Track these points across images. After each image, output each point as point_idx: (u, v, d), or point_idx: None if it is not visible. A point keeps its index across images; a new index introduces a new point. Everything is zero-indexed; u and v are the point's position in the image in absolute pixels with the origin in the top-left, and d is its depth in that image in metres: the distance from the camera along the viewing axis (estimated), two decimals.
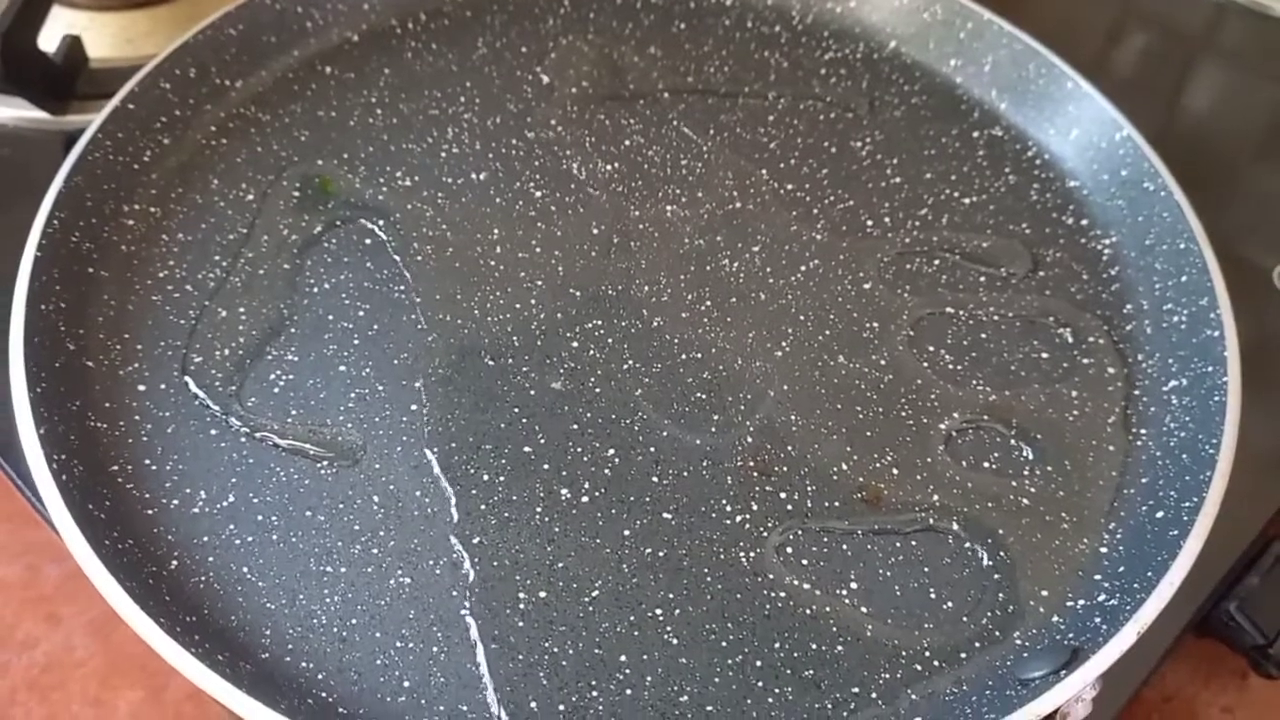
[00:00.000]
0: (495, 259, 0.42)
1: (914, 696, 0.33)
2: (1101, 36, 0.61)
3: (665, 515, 0.36)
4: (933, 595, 0.35)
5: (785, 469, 0.37)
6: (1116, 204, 0.45)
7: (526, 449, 0.37)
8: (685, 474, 0.37)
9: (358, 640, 0.33)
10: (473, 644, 0.33)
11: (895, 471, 0.37)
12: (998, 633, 0.34)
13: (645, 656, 0.33)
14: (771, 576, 0.35)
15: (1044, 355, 0.41)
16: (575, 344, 0.40)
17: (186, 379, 0.38)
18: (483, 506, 0.36)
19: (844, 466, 0.38)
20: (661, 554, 0.35)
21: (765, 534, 0.36)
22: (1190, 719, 0.42)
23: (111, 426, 0.36)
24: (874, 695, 0.33)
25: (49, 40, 0.48)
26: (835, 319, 0.42)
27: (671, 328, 0.41)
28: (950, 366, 0.40)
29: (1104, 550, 0.36)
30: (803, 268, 0.43)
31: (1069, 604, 0.35)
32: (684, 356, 0.40)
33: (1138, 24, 0.62)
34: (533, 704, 0.32)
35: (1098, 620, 0.33)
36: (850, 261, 0.44)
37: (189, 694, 0.41)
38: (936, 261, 0.44)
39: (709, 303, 0.42)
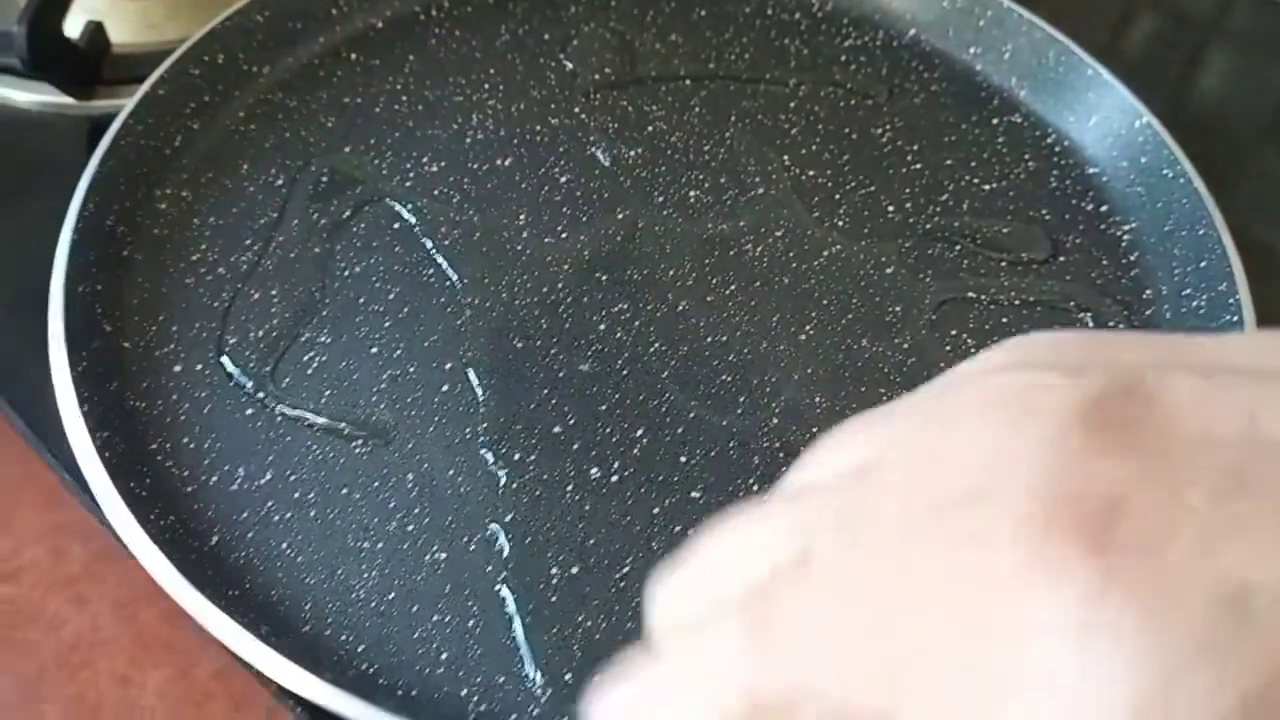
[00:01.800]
0: (522, 243, 0.43)
1: None
2: (1112, 21, 0.61)
3: (694, 494, 0.37)
4: None
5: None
6: (1136, 190, 0.46)
7: (556, 429, 0.38)
8: (712, 454, 0.38)
9: (395, 614, 0.33)
10: (509, 617, 0.33)
11: None
12: None
13: None
14: None
15: None
16: (602, 327, 0.41)
17: (223, 359, 0.38)
18: (515, 485, 0.36)
19: None
20: (690, 532, 0.36)
21: None
22: None
23: (149, 406, 0.37)
24: None
25: (72, 26, 0.48)
26: (858, 303, 0.42)
27: (696, 311, 0.42)
28: (972, 350, 0.41)
29: None
30: (825, 253, 0.44)
31: None
32: (709, 339, 0.41)
33: (1148, 8, 0.62)
34: (567, 676, 0.33)
35: None
36: (872, 247, 0.44)
37: (215, 672, 0.41)
38: (957, 247, 0.44)
39: (733, 287, 0.42)
